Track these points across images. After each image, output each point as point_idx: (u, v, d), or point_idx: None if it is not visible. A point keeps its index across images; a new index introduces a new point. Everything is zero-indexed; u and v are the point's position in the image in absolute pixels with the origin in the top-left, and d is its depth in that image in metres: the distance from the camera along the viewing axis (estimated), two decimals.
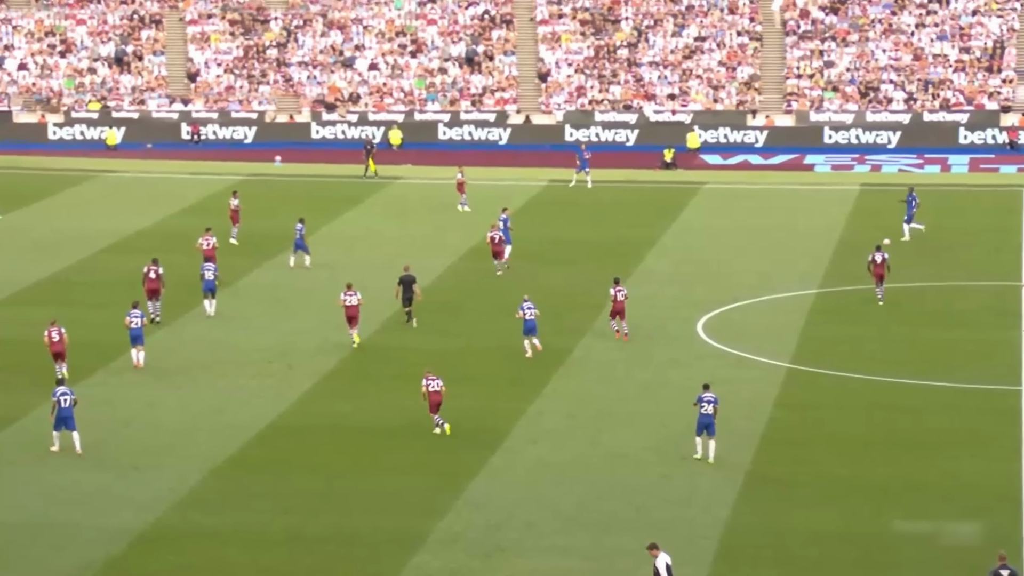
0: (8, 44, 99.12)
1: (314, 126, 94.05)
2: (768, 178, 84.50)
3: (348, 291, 52.25)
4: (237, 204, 68.11)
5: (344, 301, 52.17)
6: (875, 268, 57.60)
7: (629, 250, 66.19)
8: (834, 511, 38.75)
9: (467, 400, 46.97)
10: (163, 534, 37.39)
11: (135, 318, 49.82)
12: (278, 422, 45.27)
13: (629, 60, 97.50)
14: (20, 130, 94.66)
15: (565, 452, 42.82)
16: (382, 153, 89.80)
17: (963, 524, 37.99)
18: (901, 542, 37.16)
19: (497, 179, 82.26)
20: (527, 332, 50.97)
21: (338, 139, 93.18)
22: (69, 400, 42.30)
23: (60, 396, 42.28)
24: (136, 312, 50.02)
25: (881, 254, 57.76)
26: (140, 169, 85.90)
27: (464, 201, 73.31)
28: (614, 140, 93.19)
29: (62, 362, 48.53)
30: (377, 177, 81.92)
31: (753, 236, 69.59)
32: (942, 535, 37.50)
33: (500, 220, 64.01)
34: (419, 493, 39.79)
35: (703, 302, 57.78)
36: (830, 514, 38.59)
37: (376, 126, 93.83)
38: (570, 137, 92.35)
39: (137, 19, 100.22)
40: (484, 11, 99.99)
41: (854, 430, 44.75)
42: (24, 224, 71.78)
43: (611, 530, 37.35)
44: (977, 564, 34.64)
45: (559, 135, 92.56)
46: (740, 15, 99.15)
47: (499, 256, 61.69)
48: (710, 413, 41.79)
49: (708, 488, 40.08)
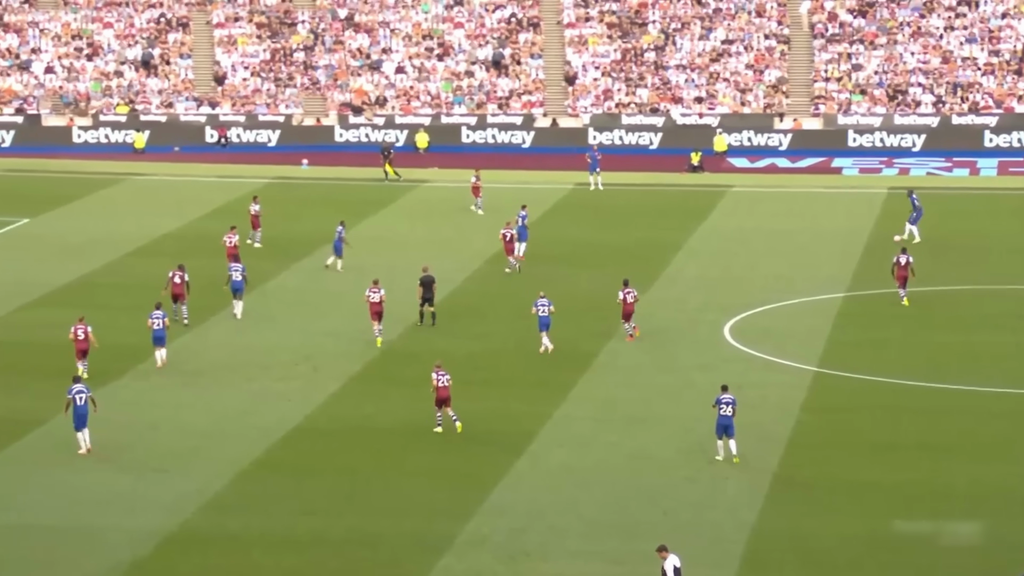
0: (35, 47, 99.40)
1: (338, 129, 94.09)
2: (795, 181, 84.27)
3: (373, 287, 53.01)
4: (258, 209, 68.34)
5: (369, 297, 52.93)
6: (899, 270, 57.44)
7: (655, 253, 66.08)
8: (860, 515, 38.61)
9: (492, 403, 46.99)
10: (189, 536, 37.46)
11: (157, 319, 50.32)
12: (304, 424, 45.30)
13: (656, 63, 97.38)
14: (48, 133, 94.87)
15: (591, 456, 42.76)
16: (409, 156, 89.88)
17: (989, 528, 37.80)
18: (927, 546, 37.01)
19: (523, 182, 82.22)
20: (542, 328, 51.57)
21: (361, 142, 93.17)
22: (85, 398, 42.49)
23: (76, 394, 42.50)
24: (158, 313, 50.45)
25: (906, 256, 57.57)
26: (167, 172, 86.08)
27: (479, 204, 73.48)
28: (637, 143, 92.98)
29: (85, 360, 48.92)
30: (394, 180, 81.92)
31: (780, 239, 69.42)
32: (968, 539, 37.32)
33: (519, 216, 64.18)
34: (444, 496, 39.76)
35: (730, 305, 57.65)
36: (856, 518, 38.45)
37: (400, 129, 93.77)
38: (593, 140, 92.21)
39: (164, 22, 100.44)
40: (511, 14, 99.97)
41: (881, 434, 44.61)
42: (51, 227, 71.97)
43: (637, 534, 37.27)
44: (1003, 568, 34.47)
45: (583, 138, 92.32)
46: (768, 18, 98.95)
47: (510, 253, 62.09)
48: (729, 415, 41.83)
49: (734, 491, 39.98)
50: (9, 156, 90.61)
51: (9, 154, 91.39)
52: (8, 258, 65.93)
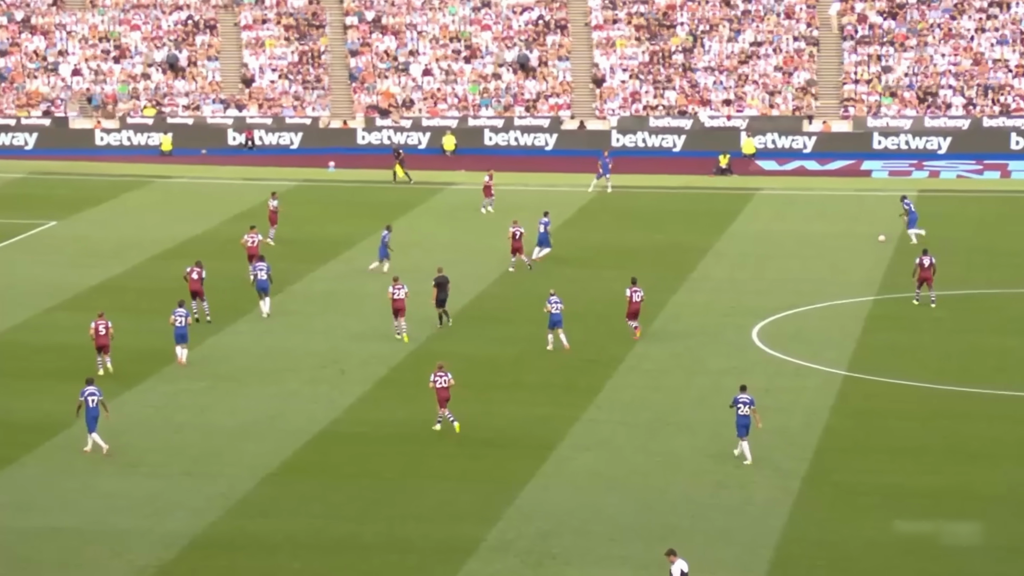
0: (63, 49, 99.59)
1: (360, 132, 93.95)
2: (824, 184, 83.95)
3: (396, 285, 53.51)
4: (276, 205, 68.53)
5: (392, 294, 53.38)
6: (921, 271, 57.27)
7: (683, 256, 65.85)
8: (891, 520, 38.35)
9: (519, 407, 46.83)
10: (215, 540, 37.37)
11: (180, 317, 50.68)
12: (331, 428, 45.19)
13: (684, 65, 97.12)
14: (71, 136, 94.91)
15: (617, 460, 42.55)
16: (436, 159, 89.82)
17: (1020, 533, 37.49)
18: (958, 552, 36.73)
19: (549, 184, 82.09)
20: (552, 326, 51.85)
21: (384, 145, 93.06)
22: (96, 400, 42.53)
23: (88, 396, 42.54)
24: (181, 311, 50.84)
25: (929, 257, 57.36)
26: (194, 175, 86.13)
27: (489, 203, 73.69)
28: (661, 146, 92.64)
29: (105, 355, 49.39)
30: (403, 183, 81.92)
31: (809, 242, 69.14)
32: (999, 545, 37.01)
33: (540, 223, 64.13)
34: (470, 500, 39.61)
35: (758, 309, 57.39)
36: (887, 523, 38.19)
37: (424, 131, 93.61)
38: (617, 143, 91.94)
39: (192, 24, 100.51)
40: (539, 16, 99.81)
41: (911, 438, 44.33)
42: (79, 230, 72.04)
43: (665, 539, 37.02)
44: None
45: (606, 141, 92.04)
46: (797, 20, 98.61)
47: (517, 252, 62.28)
48: (747, 415, 41.76)
49: (764, 497, 39.73)
50: (32, 159, 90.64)
51: (32, 156, 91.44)
52: (35, 261, 66.00)
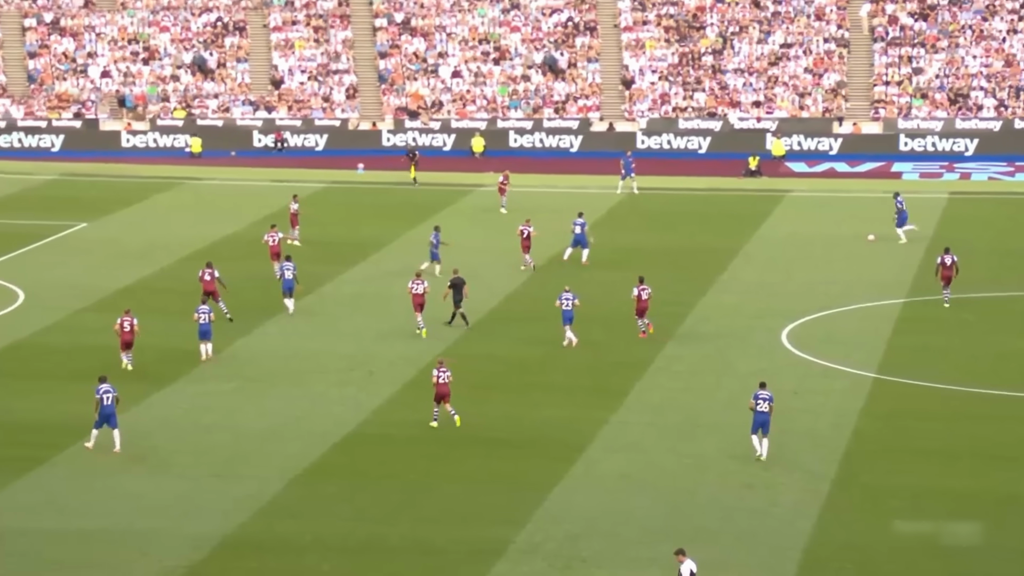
0: (92, 51, 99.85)
1: (385, 134, 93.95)
2: (854, 186, 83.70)
3: (416, 280, 53.93)
4: (296, 208, 68.96)
5: (412, 289, 53.86)
6: (943, 271, 57.27)
7: (712, 259, 65.72)
8: (919, 523, 38.22)
9: (548, 409, 46.77)
10: (244, 541, 37.41)
11: (203, 314, 51.26)
12: (359, 430, 45.21)
13: (714, 67, 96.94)
14: (105, 138, 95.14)
15: (646, 462, 42.47)
16: (465, 161, 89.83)
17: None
18: (987, 555, 36.54)
19: (579, 187, 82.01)
20: (566, 322, 52.40)
21: (408, 147, 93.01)
22: (111, 398, 42.74)
23: (103, 394, 42.76)
24: (204, 308, 51.54)
25: (950, 256, 57.39)
26: (224, 176, 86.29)
27: (503, 204, 74.12)
28: (687, 148, 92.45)
29: (128, 352, 49.86)
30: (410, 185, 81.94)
31: (838, 244, 68.93)
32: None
33: (575, 224, 64.23)
34: (498, 503, 39.55)
35: (788, 311, 57.24)
36: (915, 526, 38.05)
37: (448, 133, 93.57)
38: (642, 145, 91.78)
39: (221, 26, 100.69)
40: (568, 18, 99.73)
41: (941, 441, 44.15)
42: (109, 231, 72.23)
43: (694, 541, 36.89)
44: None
45: (632, 143, 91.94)
46: (827, 21, 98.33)
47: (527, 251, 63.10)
48: (766, 411, 41.76)
49: (792, 499, 39.61)
50: (58, 160, 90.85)
51: (58, 158, 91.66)
52: (66, 262, 66.20)
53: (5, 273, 63.73)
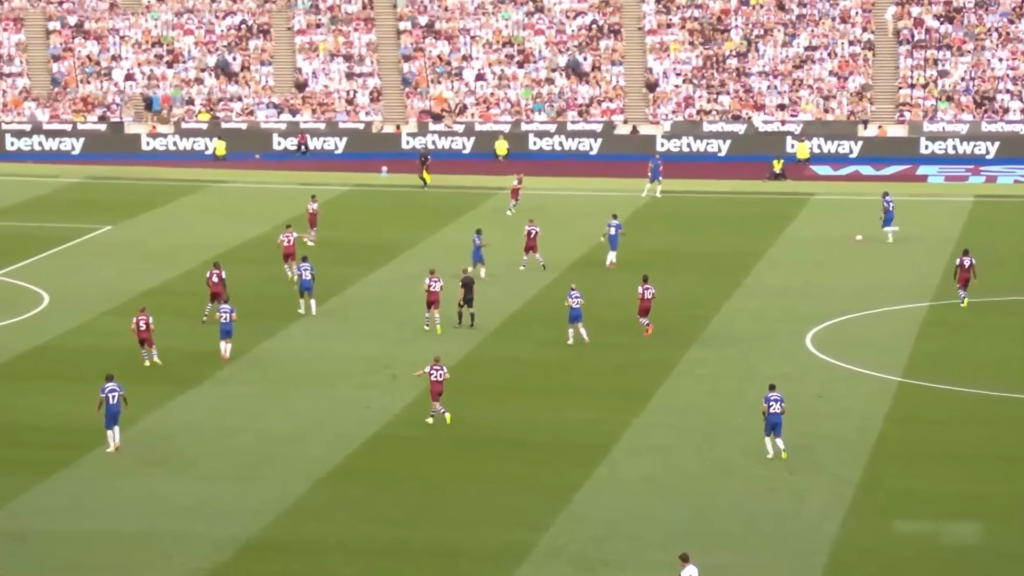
0: (116, 54, 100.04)
1: (404, 136, 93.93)
2: (879, 189, 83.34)
3: (432, 277, 54.40)
4: (315, 208, 69.17)
5: (429, 286, 54.34)
6: (961, 273, 57.41)
7: (736, 262, 65.58)
8: (945, 527, 38.06)
9: (571, 411, 46.72)
10: (268, 543, 37.44)
11: (225, 313, 51.63)
12: (382, 432, 45.19)
13: (738, 70, 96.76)
14: (129, 141, 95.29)
15: (670, 465, 42.38)
16: (488, 164, 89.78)
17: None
18: (1015, 560, 36.34)
19: (603, 190, 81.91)
20: (572, 320, 52.86)
21: (429, 150, 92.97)
22: (117, 396, 42.97)
23: (108, 393, 43.00)
24: (226, 307, 51.93)
25: (969, 259, 57.49)
26: (248, 179, 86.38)
27: (512, 207, 74.25)
28: (706, 151, 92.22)
29: (150, 347, 50.61)
30: (419, 186, 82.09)
31: (863, 248, 68.72)
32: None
33: (609, 225, 64.28)
34: (523, 505, 39.50)
35: (812, 314, 57.09)
36: (941, 530, 37.89)
37: (469, 136, 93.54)
38: (662, 147, 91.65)
39: (245, 29, 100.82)
40: (592, 21, 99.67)
41: (966, 445, 43.97)
42: (133, 234, 72.33)
43: (718, 545, 36.87)
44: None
45: (651, 146, 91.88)
46: (852, 24, 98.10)
47: (532, 250, 63.47)
48: (778, 412, 42.07)
49: (817, 503, 39.49)
50: (79, 164, 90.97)
51: (79, 162, 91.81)
52: (90, 265, 66.32)
53: (30, 276, 63.88)
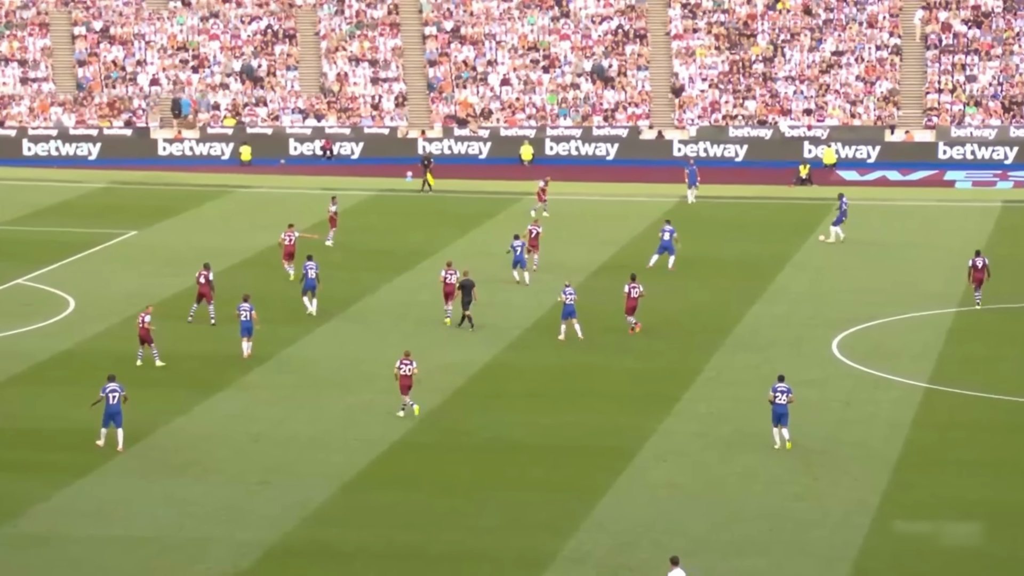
0: (141, 59, 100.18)
1: (420, 142, 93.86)
2: (906, 194, 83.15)
3: (448, 269, 55.50)
4: (335, 209, 69.64)
5: (445, 279, 55.52)
6: (975, 273, 57.71)
7: (762, 267, 65.37)
8: (973, 535, 37.83)
9: (596, 417, 46.58)
10: (291, 549, 37.39)
11: (244, 311, 52.10)
12: (407, 437, 45.10)
13: (764, 75, 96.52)
14: (152, 146, 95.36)
15: (695, 471, 42.21)
16: (513, 169, 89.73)
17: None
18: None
19: (628, 195, 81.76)
20: (565, 316, 53.57)
21: (445, 155, 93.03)
22: (117, 396, 43.24)
23: (109, 392, 43.33)
24: (245, 305, 52.28)
25: (982, 259, 57.76)
26: (273, 184, 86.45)
27: (536, 208, 74.31)
28: (724, 155, 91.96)
29: (148, 346, 51.15)
30: (423, 191, 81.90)
31: (890, 253, 68.49)
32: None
33: (663, 231, 64.58)
34: (546, 511, 39.37)
35: (838, 320, 56.85)
36: (969, 539, 37.66)
37: (481, 142, 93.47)
38: (678, 152, 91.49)
39: (271, 33, 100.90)
40: (618, 26, 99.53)
41: (993, 452, 43.72)
42: (159, 239, 72.44)
43: (743, 552, 36.70)
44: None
45: (668, 150, 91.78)
46: (880, 29, 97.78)
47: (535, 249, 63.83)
48: (784, 403, 42.58)
49: (842, 510, 39.28)
50: (94, 168, 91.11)
51: (94, 167, 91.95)
52: (116, 269, 66.41)
53: (56, 281, 63.99)
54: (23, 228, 75.13)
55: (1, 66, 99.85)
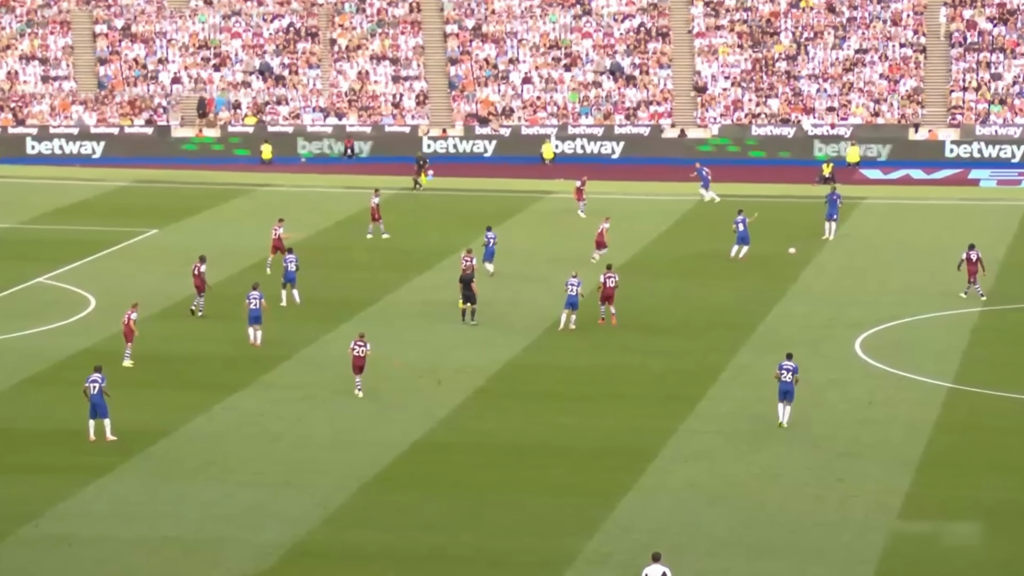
0: (162, 57, 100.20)
1: (426, 140, 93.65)
2: (930, 193, 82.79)
3: (466, 255, 57.31)
4: (377, 202, 70.17)
5: (463, 263, 56.84)
6: (968, 266, 58.22)
7: (784, 267, 65.12)
8: (996, 538, 37.57)
9: (617, 418, 46.40)
10: (311, 550, 37.30)
11: (254, 299, 52.79)
12: (426, 439, 44.96)
13: (788, 73, 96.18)
14: (177, 145, 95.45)
15: (716, 472, 42.00)
16: (535, 168, 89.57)
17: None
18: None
19: (649, 193, 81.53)
20: (568, 306, 54.21)
21: (449, 153, 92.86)
22: (98, 387, 43.46)
23: (90, 383, 43.67)
24: (255, 294, 53.09)
25: (975, 252, 58.28)
26: (294, 183, 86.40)
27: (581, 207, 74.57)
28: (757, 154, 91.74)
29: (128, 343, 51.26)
30: (413, 190, 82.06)
31: (913, 253, 68.20)
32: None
33: (736, 222, 65.50)
34: (567, 513, 39.21)
35: (860, 320, 56.59)
36: (992, 541, 37.39)
37: (487, 140, 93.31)
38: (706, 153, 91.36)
39: (293, 32, 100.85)
40: (640, 24, 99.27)
41: (1017, 454, 43.46)
42: (179, 238, 72.42)
43: (764, 554, 36.49)
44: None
45: (678, 148, 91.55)
46: (904, 27, 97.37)
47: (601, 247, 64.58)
48: (789, 380, 43.38)
49: (864, 512, 39.04)
50: (115, 167, 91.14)
51: (98, 165, 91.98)
52: (136, 268, 66.41)
53: (77, 279, 64.01)
54: (44, 227, 75.22)
55: (23, 64, 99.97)
